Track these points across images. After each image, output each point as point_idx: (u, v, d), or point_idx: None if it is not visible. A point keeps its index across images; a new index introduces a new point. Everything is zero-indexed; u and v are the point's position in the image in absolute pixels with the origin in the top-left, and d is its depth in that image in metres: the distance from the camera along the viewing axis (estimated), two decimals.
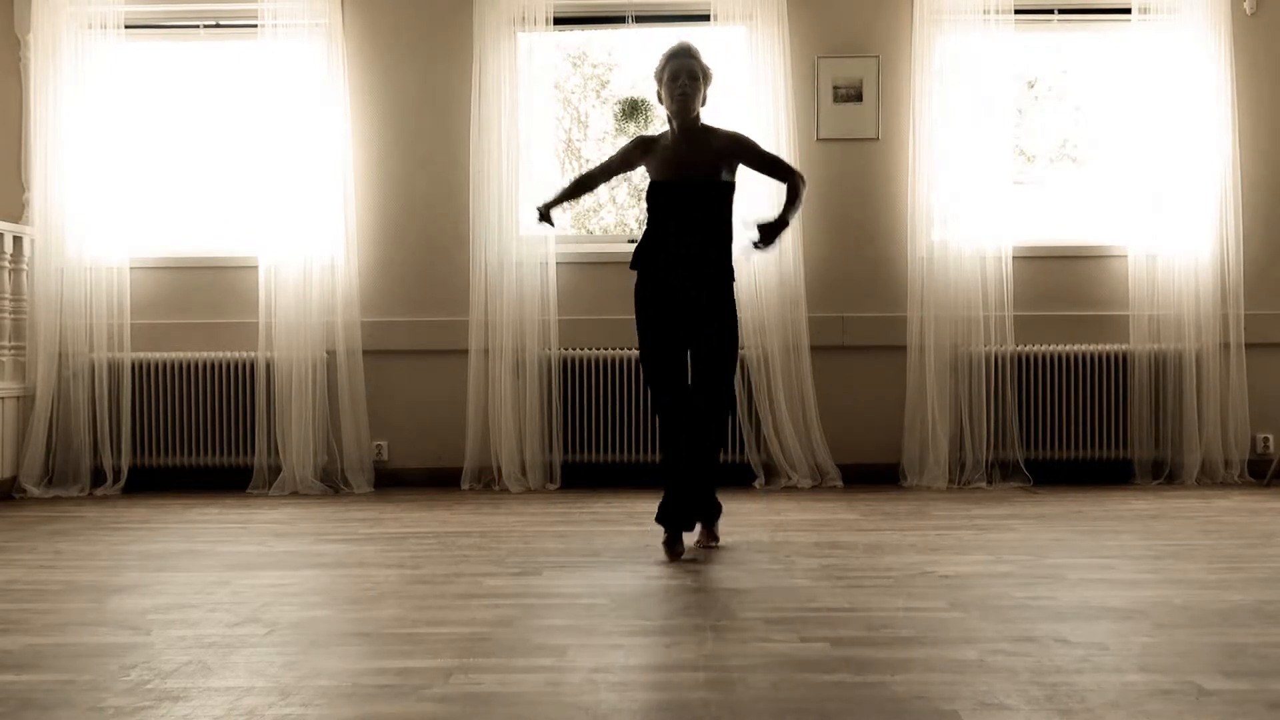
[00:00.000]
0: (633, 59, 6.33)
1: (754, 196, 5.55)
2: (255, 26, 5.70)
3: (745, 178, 3.94)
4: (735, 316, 3.80)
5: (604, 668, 2.33)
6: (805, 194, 3.87)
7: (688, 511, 3.70)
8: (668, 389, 3.74)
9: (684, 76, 3.74)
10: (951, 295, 5.61)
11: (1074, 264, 5.77)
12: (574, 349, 5.68)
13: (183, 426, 5.71)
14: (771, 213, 3.93)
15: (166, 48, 5.97)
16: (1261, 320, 5.68)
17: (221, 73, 5.98)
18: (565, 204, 4.18)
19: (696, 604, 2.94)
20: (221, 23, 5.87)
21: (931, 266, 5.64)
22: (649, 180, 3.86)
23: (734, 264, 3.84)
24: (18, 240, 5.63)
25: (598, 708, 2.06)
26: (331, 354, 5.67)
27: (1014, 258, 5.64)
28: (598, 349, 5.70)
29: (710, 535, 3.87)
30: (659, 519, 3.69)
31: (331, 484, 5.62)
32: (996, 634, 2.57)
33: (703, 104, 3.82)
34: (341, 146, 5.67)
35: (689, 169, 3.76)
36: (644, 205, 4.01)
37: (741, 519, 4.41)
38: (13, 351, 5.63)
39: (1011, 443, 5.59)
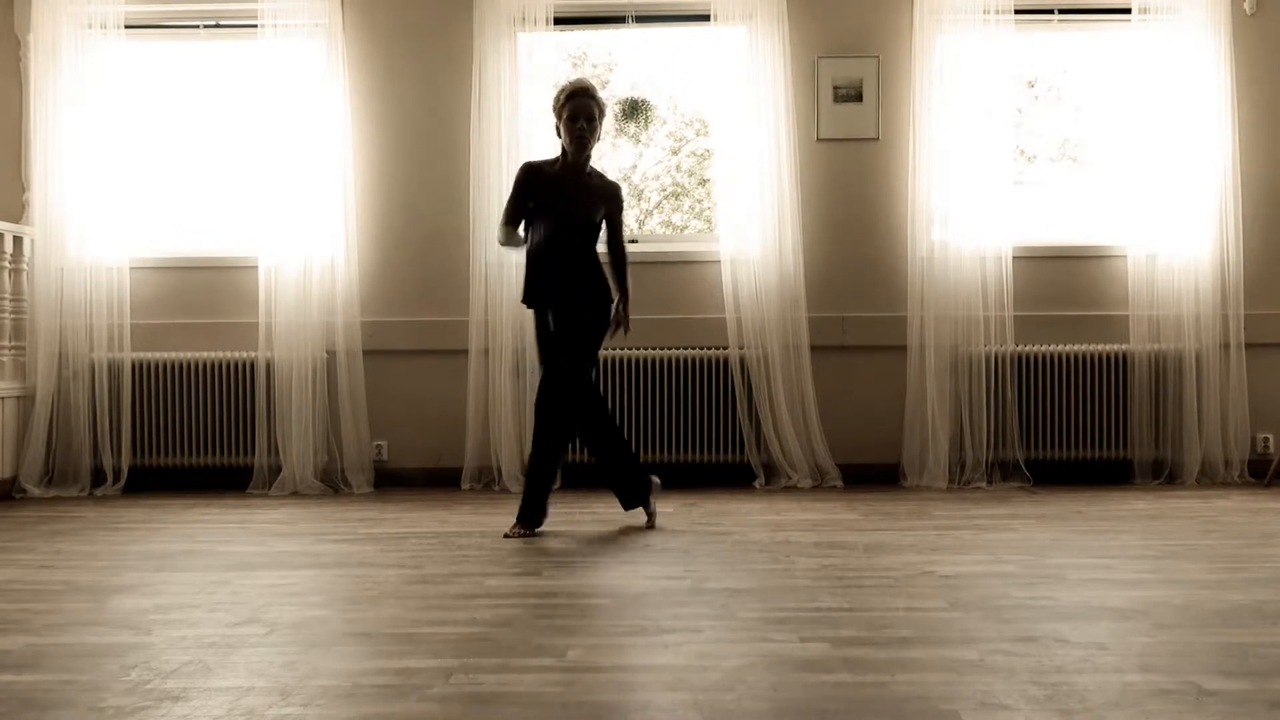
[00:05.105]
0: (633, 59, 6.32)
1: (739, 198, 5.58)
2: (255, 26, 5.70)
3: (732, 186, 3.94)
4: (589, 333, 4.09)
5: (604, 668, 2.33)
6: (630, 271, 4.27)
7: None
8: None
9: (583, 119, 4.01)
10: (951, 295, 5.61)
11: (1074, 264, 5.77)
12: None
13: (183, 426, 5.71)
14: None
15: (166, 48, 5.97)
16: (1261, 320, 5.68)
17: (221, 73, 5.97)
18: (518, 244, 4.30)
19: (696, 604, 2.94)
20: (221, 23, 5.87)
21: (931, 266, 5.64)
22: (534, 207, 4.12)
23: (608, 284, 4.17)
24: (18, 240, 5.63)
25: (598, 708, 2.06)
26: (331, 354, 5.67)
27: (1014, 258, 5.64)
28: None
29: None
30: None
31: (331, 484, 5.62)
32: (996, 634, 2.57)
33: (598, 139, 4.12)
34: (341, 146, 5.68)
35: (573, 206, 4.07)
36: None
37: (741, 519, 4.42)
38: (13, 351, 5.62)
39: (1011, 443, 5.59)
